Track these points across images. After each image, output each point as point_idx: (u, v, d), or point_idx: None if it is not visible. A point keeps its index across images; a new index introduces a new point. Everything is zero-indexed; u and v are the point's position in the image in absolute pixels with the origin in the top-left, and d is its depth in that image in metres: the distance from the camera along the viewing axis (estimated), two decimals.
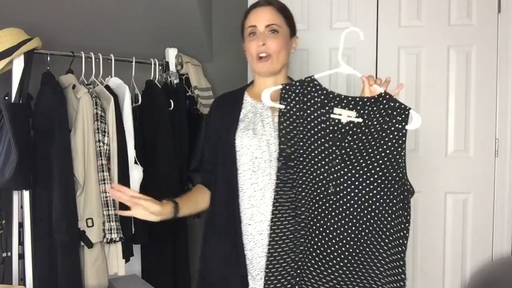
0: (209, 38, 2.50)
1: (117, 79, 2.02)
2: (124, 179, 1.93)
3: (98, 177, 1.84)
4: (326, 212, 1.26)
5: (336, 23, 2.28)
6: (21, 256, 1.78)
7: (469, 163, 2.18)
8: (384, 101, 1.25)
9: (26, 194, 1.72)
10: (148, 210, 1.25)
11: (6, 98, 1.76)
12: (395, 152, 1.23)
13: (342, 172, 1.25)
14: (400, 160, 1.24)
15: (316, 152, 1.26)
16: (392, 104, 1.25)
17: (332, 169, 1.26)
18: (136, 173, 1.96)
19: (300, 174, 1.27)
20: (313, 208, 1.27)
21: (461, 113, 2.17)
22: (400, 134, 1.24)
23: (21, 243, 1.79)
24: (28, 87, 1.74)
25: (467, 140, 2.18)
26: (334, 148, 1.26)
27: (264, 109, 1.40)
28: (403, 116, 1.24)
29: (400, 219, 1.24)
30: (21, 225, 1.78)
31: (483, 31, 2.14)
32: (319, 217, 1.27)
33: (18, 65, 1.71)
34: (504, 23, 2.11)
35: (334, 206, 1.26)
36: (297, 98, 1.28)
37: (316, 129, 1.26)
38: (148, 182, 2.02)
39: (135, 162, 1.97)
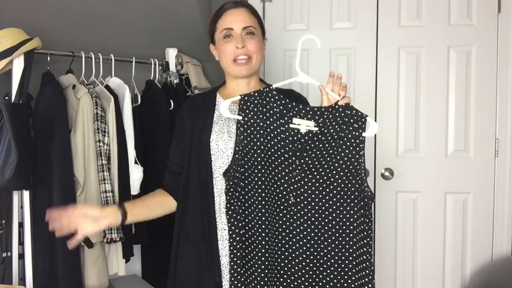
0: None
1: (117, 79, 2.02)
2: (124, 179, 1.93)
3: (98, 177, 1.83)
4: (288, 223, 1.26)
5: (336, 23, 2.28)
6: (21, 256, 1.78)
7: (469, 163, 2.18)
8: (341, 109, 1.24)
9: (26, 194, 1.72)
10: (87, 214, 1.21)
11: (6, 98, 1.76)
12: (353, 159, 1.24)
13: (302, 182, 1.25)
14: (358, 167, 1.24)
15: (276, 163, 1.25)
16: (349, 112, 1.24)
17: (292, 180, 1.25)
18: (136, 173, 1.96)
19: (262, 185, 1.26)
20: (275, 219, 1.27)
21: (461, 113, 2.18)
22: (358, 141, 1.24)
23: (21, 243, 1.79)
24: (28, 87, 1.73)
25: (467, 140, 2.18)
26: (294, 158, 1.25)
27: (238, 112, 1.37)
28: (359, 123, 1.24)
29: (362, 226, 1.25)
30: (21, 225, 1.78)
31: (483, 31, 2.14)
32: (280, 228, 1.26)
33: (18, 65, 1.71)
34: (504, 23, 2.12)
35: (295, 217, 1.26)
36: (255, 109, 1.26)
37: (275, 140, 1.25)
38: (148, 182, 2.02)
39: (135, 162, 1.97)
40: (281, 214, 1.26)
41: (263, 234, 1.26)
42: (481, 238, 2.18)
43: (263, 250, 1.26)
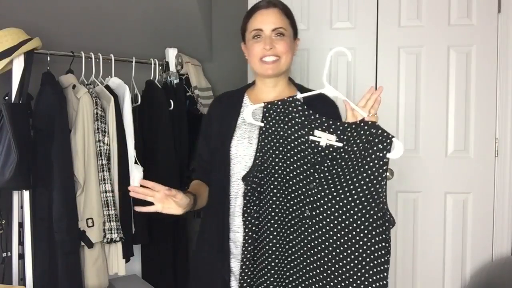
0: (209, 38, 2.50)
1: (117, 79, 2.02)
2: (124, 179, 1.93)
3: (98, 177, 1.84)
4: (302, 236, 1.24)
5: (336, 23, 2.28)
6: (21, 256, 1.78)
7: (469, 163, 2.18)
8: (366, 127, 1.20)
9: (26, 194, 1.72)
10: (179, 203, 1.23)
11: (6, 98, 1.76)
12: (375, 181, 1.18)
13: (319, 195, 1.22)
14: (380, 190, 1.18)
15: (294, 173, 1.24)
16: (374, 131, 1.19)
17: (309, 192, 1.23)
18: (136, 173, 1.96)
19: (277, 194, 1.25)
20: (289, 230, 1.25)
21: (461, 113, 2.17)
22: (381, 162, 1.18)
23: (21, 243, 1.79)
24: (28, 87, 1.73)
25: (467, 140, 2.18)
26: (312, 171, 1.23)
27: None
28: (385, 144, 1.18)
29: (380, 252, 1.19)
30: (21, 225, 1.78)
31: (483, 31, 2.14)
32: (295, 241, 1.25)
33: (18, 65, 1.71)
34: (504, 23, 2.11)
35: (309, 230, 1.23)
36: (277, 117, 1.26)
37: (295, 150, 1.24)
38: None
39: (135, 162, 1.97)
40: (295, 227, 1.25)
41: (275, 242, 1.25)
42: (481, 238, 2.18)
43: (273, 257, 1.25)
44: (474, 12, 2.14)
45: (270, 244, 1.25)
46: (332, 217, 1.21)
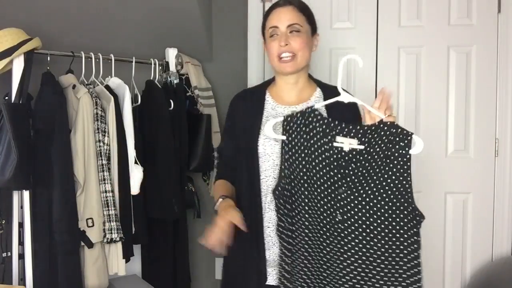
0: (209, 38, 2.50)
1: (117, 79, 2.02)
2: (124, 179, 1.93)
3: (98, 177, 1.83)
4: (336, 241, 1.26)
5: (336, 23, 2.28)
6: (21, 256, 1.78)
7: (469, 163, 2.18)
8: (385, 128, 1.24)
9: (26, 194, 1.72)
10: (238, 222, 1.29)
11: (6, 98, 1.76)
12: (401, 178, 1.23)
13: (349, 199, 1.25)
14: (407, 186, 1.23)
15: (321, 180, 1.26)
16: (394, 130, 1.24)
17: (339, 197, 1.25)
18: (136, 173, 1.96)
19: (308, 203, 1.27)
20: (322, 237, 1.27)
21: (461, 113, 2.18)
22: (405, 159, 1.23)
23: (21, 243, 1.79)
24: (28, 87, 1.73)
25: (467, 140, 2.18)
26: (339, 176, 1.25)
27: (285, 114, 1.40)
28: (405, 141, 1.23)
29: (412, 247, 1.26)
30: (21, 225, 1.78)
31: (483, 31, 2.14)
32: (329, 247, 1.27)
33: (18, 65, 1.71)
34: (504, 23, 2.12)
35: (342, 234, 1.26)
36: (298, 129, 1.28)
37: (320, 158, 1.26)
38: (148, 182, 2.02)
39: (135, 162, 1.97)
40: (329, 233, 1.27)
41: (310, 251, 1.28)
42: (481, 238, 2.18)
43: (309, 266, 1.28)
44: (474, 12, 2.14)
45: (306, 254, 1.28)
46: (364, 218, 1.24)
